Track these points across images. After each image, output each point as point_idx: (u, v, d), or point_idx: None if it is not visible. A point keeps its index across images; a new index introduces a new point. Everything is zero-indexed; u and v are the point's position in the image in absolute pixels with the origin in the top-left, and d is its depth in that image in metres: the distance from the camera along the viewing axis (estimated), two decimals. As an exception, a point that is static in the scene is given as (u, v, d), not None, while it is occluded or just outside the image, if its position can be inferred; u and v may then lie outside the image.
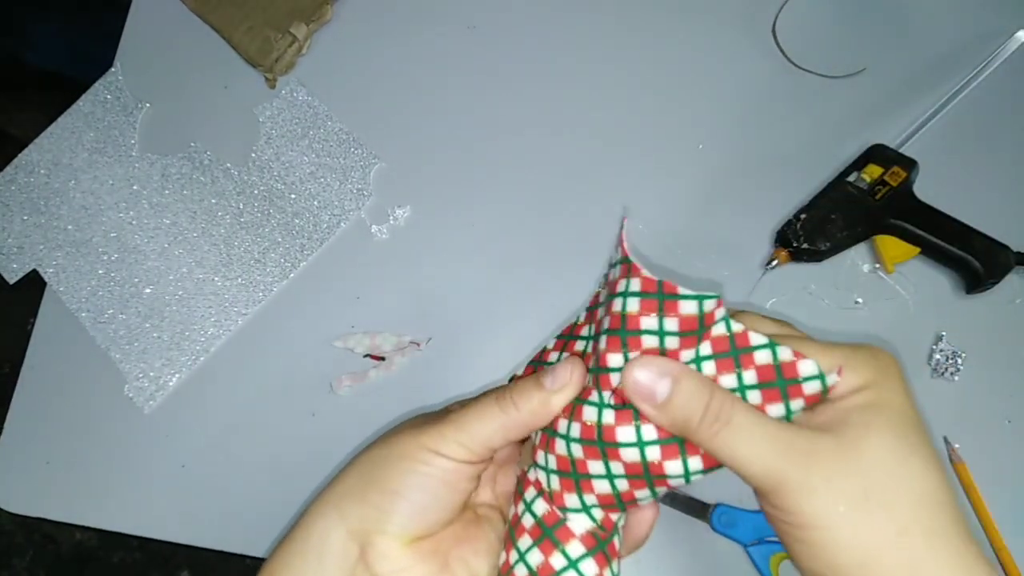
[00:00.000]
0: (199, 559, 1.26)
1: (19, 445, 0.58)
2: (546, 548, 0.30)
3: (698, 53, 0.60)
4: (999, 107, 0.56)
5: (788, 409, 0.26)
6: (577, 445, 0.29)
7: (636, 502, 0.29)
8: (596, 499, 0.29)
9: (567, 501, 0.30)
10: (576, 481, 0.29)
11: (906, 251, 0.51)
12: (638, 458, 0.28)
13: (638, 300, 0.27)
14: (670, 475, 0.28)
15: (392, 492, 0.30)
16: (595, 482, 0.29)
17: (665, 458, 0.28)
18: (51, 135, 0.65)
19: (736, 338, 0.27)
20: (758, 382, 0.27)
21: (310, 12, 0.62)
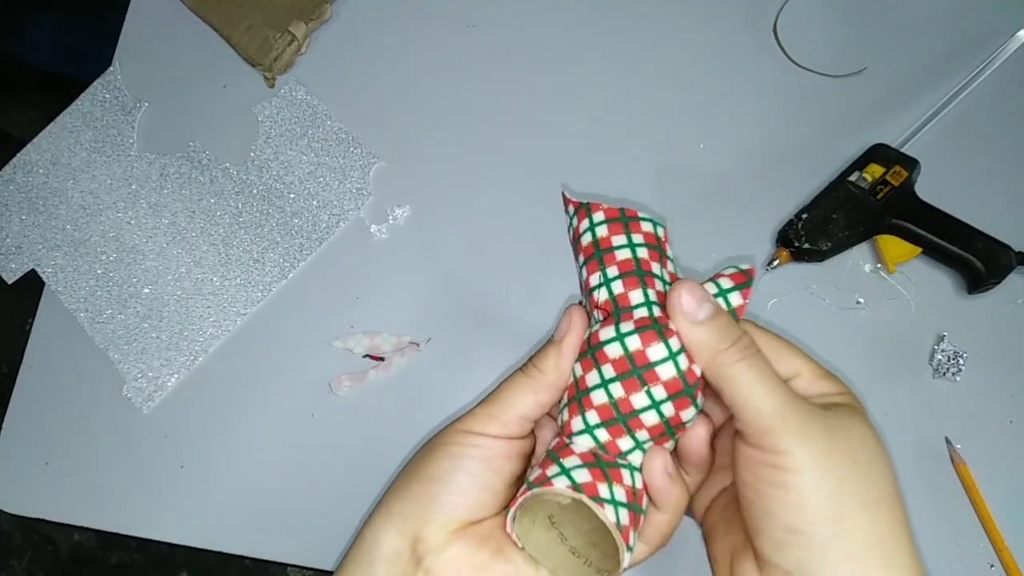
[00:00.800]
0: (198, 560, 1.26)
1: (17, 446, 0.58)
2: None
3: (699, 52, 0.60)
4: (1001, 106, 0.56)
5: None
6: (616, 384, 0.30)
7: (683, 425, 0.30)
8: (647, 434, 0.30)
9: (621, 446, 0.30)
10: (624, 423, 0.30)
11: (908, 251, 0.51)
12: (674, 371, 0.29)
13: (605, 226, 0.32)
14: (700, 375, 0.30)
15: (432, 479, 0.30)
16: (643, 416, 0.30)
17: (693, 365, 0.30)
18: (49, 134, 0.65)
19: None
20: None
21: (309, 11, 0.62)
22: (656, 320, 0.30)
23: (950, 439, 0.50)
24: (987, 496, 0.48)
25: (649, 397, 0.29)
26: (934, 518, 0.48)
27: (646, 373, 0.29)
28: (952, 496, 0.48)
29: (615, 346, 0.30)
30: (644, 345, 0.29)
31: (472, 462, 0.30)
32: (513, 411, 0.31)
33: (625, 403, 0.29)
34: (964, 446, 0.49)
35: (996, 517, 0.47)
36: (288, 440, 0.55)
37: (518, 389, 0.31)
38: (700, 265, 0.55)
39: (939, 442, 0.50)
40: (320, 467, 0.54)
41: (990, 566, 0.47)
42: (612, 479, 0.29)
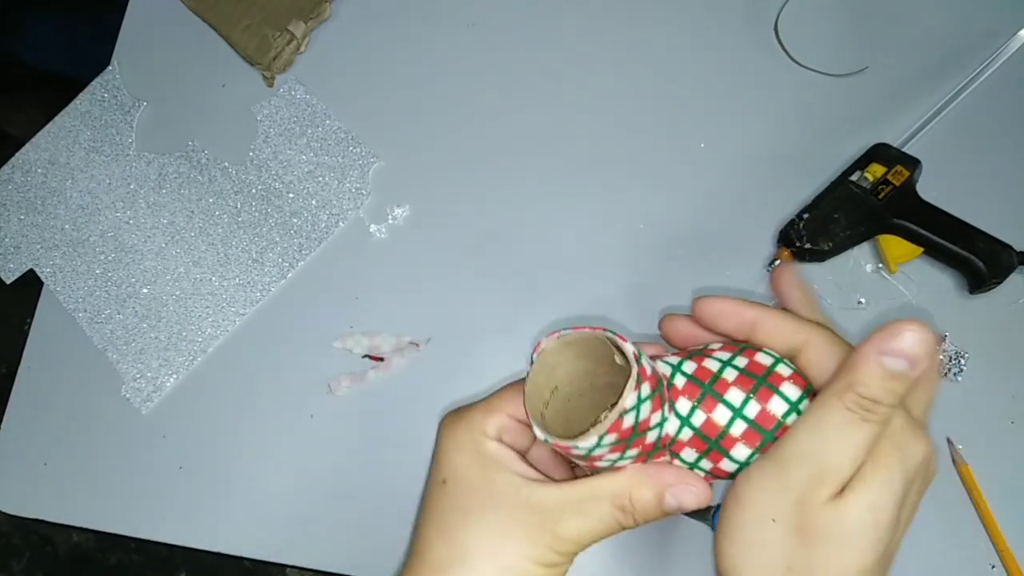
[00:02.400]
0: (197, 561, 1.26)
1: (16, 446, 0.58)
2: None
3: (700, 51, 0.60)
4: (1002, 106, 0.56)
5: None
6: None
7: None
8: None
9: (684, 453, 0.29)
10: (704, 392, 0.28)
11: (909, 251, 0.51)
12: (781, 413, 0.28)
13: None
14: None
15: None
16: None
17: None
18: (48, 134, 0.64)
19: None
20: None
21: (308, 10, 0.62)
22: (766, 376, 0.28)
23: (952, 440, 0.49)
24: (989, 497, 0.48)
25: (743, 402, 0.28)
26: (935, 519, 0.48)
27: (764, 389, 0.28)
28: (953, 497, 0.48)
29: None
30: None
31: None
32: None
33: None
34: (966, 447, 0.49)
35: (998, 518, 0.47)
36: (287, 440, 0.55)
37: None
38: (701, 264, 0.54)
39: (940, 443, 0.49)
40: (319, 467, 0.54)
41: (991, 567, 0.47)
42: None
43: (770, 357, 0.29)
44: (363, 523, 0.53)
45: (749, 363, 0.28)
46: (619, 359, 0.27)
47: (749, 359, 0.28)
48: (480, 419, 0.31)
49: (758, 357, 0.28)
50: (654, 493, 0.28)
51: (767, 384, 0.27)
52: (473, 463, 0.30)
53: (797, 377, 0.28)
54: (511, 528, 0.28)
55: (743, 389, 0.27)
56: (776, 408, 0.27)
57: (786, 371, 0.28)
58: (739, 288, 0.53)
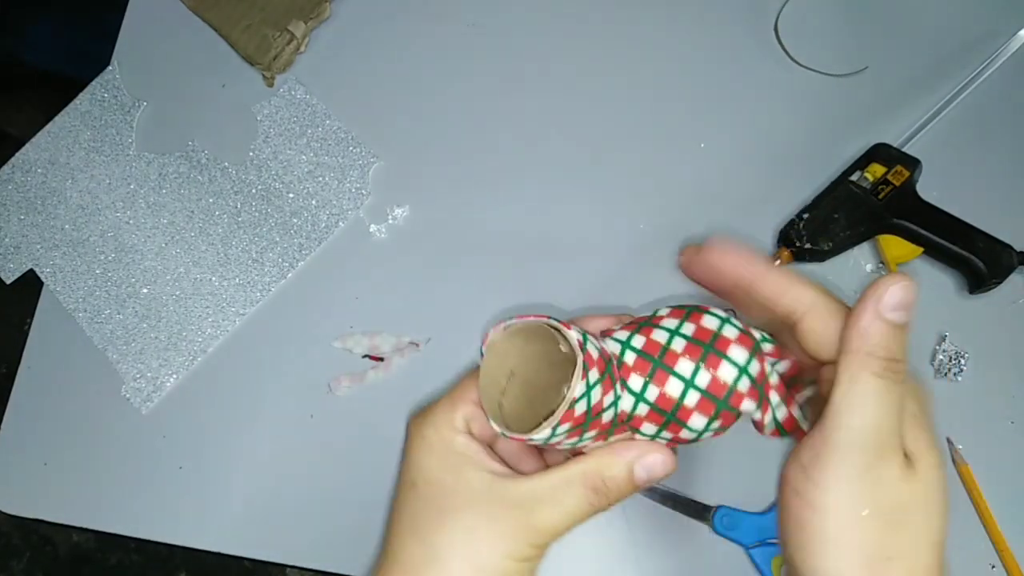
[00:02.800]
0: (197, 561, 1.26)
1: (16, 446, 0.58)
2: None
3: (700, 51, 0.60)
4: (1002, 106, 0.56)
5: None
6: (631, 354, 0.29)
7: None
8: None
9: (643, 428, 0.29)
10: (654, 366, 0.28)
11: (909, 251, 0.51)
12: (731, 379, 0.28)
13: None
14: (744, 409, 0.29)
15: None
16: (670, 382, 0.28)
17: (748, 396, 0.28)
18: (48, 134, 0.64)
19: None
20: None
21: (308, 10, 0.62)
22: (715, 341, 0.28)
23: (952, 440, 0.49)
24: (988, 497, 0.48)
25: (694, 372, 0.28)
26: (935, 519, 0.48)
27: (711, 356, 0.28)
28: (953, 497, 0.48)
29: (661, 335, 0.29)
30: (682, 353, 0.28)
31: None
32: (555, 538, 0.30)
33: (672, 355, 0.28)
34: (966, 447, 0.49)
35: (997, 518, 0.47)
36: (287, 440, 0.55)
37: (581, 522, 0.30)
38: (701, 265, 0.54)
39: (940, 443, 0.49)
40: (319, 467, 0.54)
41: (991, 567, 0.47)
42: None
43: (716, 319, 0.29)
44: (363, 523, 0.53)
45: (696, 329, 0.28)
46: (564, 347, 0.27)
47: (696, 324, 0.28)
48: (445, 415, 0.31)
49: (704, 321, 0.28)
50: (624, 468, 0.29)
51: (715, 351, 0.27)
52: (442, 463, 0.30)
53: (744, 338, 0.28)
54: (484, 526, 0.28)
55: (692, 359, 0.27)
56: (726, 374, 0.27)
57: (732, 333, 0.28)
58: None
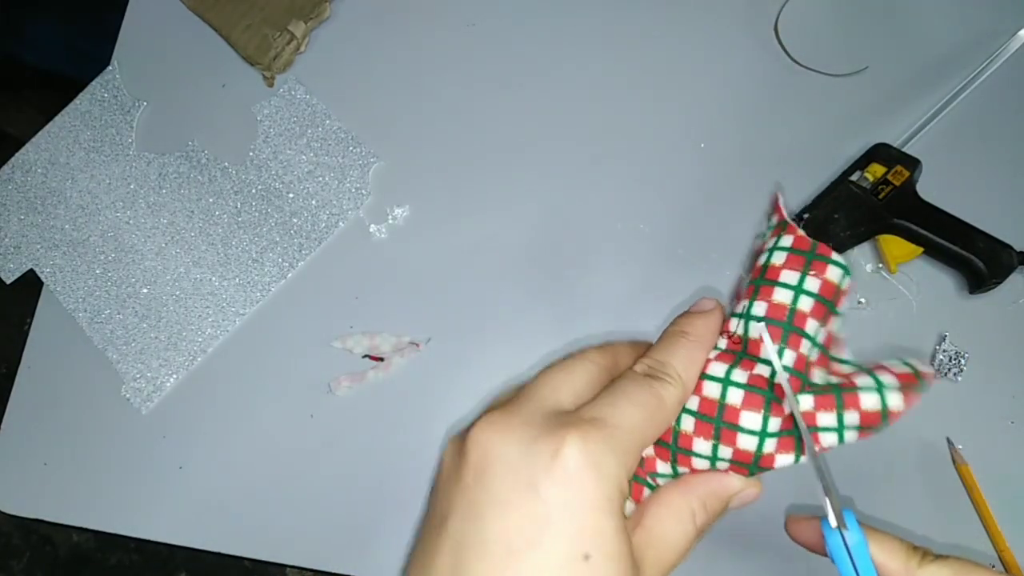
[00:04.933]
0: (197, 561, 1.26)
1: (16, 446, 0.58)
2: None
3: (700, 51, 0.60)
4: (1002, 106, 0.56)
5: (841, 422, 0.26)
6: (688, 418, 0.27)
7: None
8: (681, 469, 0.28)
9: (657, 466, 0.28)
10: (673, 451, 0.28)
11: (909, 251, 0.51)
12: (754, 448, 0.26)
13: (785, 254, 0.27)
14: (778, 466, 0.27)
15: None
16: (693, 459, 0.27)
17: (779, 451, 0.26)
18: (48, 134, 0.64)
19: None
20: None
21: (308, 10, 0.62)
22: (773, 388, 0.27)
23: (951, 440, 0.49)
24: (988, 497, 0.48)
25: (712, 451, 0.27)
26: (935, 519, 0.48)
27: (726, 431, 0.27)
28: (953, 497, 0.48)
29: (714, 386, 0.27)
30: (743, 406, 0.26)
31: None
32: (642, 445, 0.26)
33: (685, 438, 0.27)
34: (965, 447, 0.49)
35: (997, 518, 0.47)
36: (287, 441, 0.55)
37: (648, 421, 0.26)
38: (701, 264, 0.54)
39: (940, 442, 0.49)
40: (319, 468, 0.54)
41: (991, 567, 0.47)
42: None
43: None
44: (363, 523, 0.53)
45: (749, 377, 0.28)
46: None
47: (749, 373, 0.28)
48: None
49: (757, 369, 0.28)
50: (729, 495, 0.28)
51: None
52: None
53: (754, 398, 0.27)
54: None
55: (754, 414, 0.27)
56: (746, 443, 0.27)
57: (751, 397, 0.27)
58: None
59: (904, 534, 0.27)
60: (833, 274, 0.27)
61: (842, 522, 0.25)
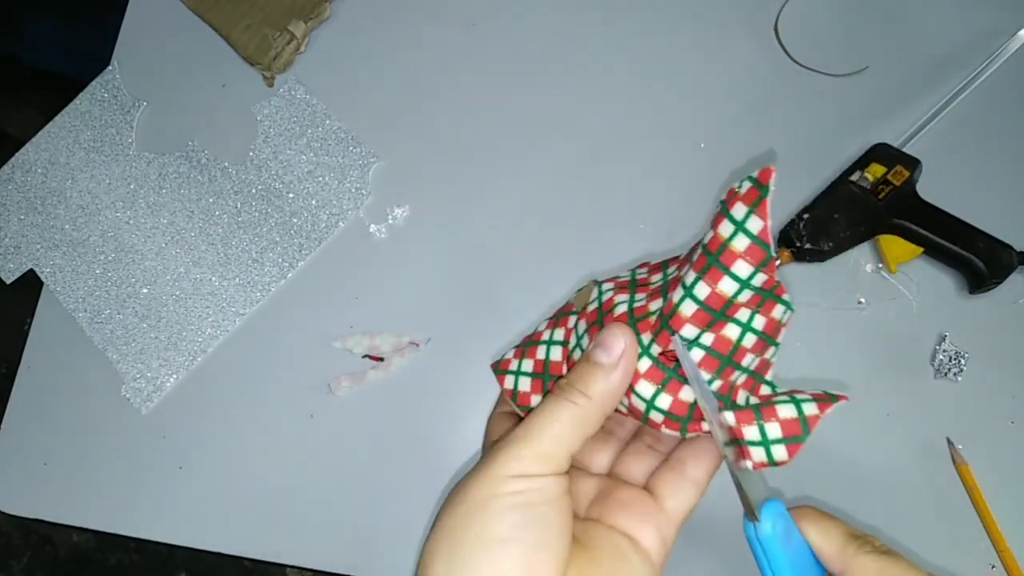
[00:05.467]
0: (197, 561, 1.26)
1: (16, 446, 0.58)
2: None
3: (699, 51, 0.60)
4: (1002, 106, 0.56)
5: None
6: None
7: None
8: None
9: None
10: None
11: (909, 251, 0.51)
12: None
13: (749, 242, 0.27)
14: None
15: (498, 541, 0.25)
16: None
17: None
18: (48, 134, 0.64)
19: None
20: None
21: (308, 10, 0.62)
22: (694, 410, 0.29)
23: (951, 439, 0.49)
24: (988, 497, 0.48)
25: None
26: (935, 519, 0.48)
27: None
28: (953, 497, 0.48)
29: (639, 403, 0.29)
30: (663, 424, 0.30)
31: (539, 510, 0.26)
32: (561, 445, 0.27)
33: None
34: (965, 447, 0.49)
35: (997, 518, 0.47)
36: (287, 441, 0.55)
37: (566, 423, 0.27)
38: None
39: (940, 442, 0.49)
40: (319, 467, 0.54)
41: (991, 567, 0.47)
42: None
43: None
44: (363, 523, 0.53)
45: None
46: None
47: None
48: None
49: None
50: (583, 357, 0.29)
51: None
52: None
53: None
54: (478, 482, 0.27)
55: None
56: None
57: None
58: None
59: (904, 534, 0.27)
60: (778, 311, 0.28)
61: (753, 515, 0.26)
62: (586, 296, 0.33)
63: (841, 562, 0.26)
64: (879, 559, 0.25)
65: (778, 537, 0.26)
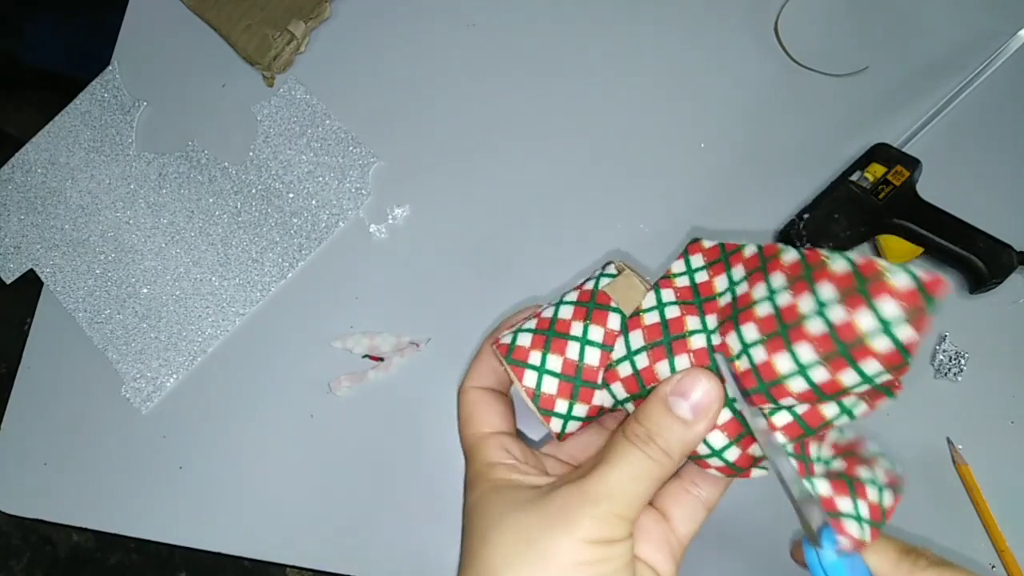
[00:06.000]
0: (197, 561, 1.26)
1: (16, 446, 0.58)
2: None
3: (700, 51, 0.60)
4: (1002, 106, 0.56)
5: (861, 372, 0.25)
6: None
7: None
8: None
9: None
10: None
11: (909, 251, 0.51)
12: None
13: (892, 348, 0.24)
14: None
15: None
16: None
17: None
18: (48, 134, 0.64)
19: (808, 257, 0.25)
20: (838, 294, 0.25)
21: (308, 10, 0.62)
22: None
23: (951, 439, 0.49)
24: (988, 497, 0.48)
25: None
26: (935, 519, 0.48)
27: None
28: (953, 497, 0.48)
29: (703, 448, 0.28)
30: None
31: (623, 574, 0.25)
32: (641, 507, 0.26)
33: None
34: (965, 446, 0.49)
35: (997, 518, 0.47)
36: (287, 441, 0.55)
37: (647, 483, 0.26)
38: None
39: (940, 442, 0.49)
40: (319, 468, 0.54)
41: (991, 567, 0.47)
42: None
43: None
44: (363, 523, 0.53)
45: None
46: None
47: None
48: (477, 461, 0.30)
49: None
50: (658, 404, 0.27)
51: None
52: (482, 496, 0.28)
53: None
54: (540, 523, 0.26)
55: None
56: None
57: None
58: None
59: (904, 535, 0.27)
60: (882, 402, 0.26)
61: (815, 540, 0.25)
62: (627, 290, 0.30)
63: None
64: (938, 572, 0.25)
65: (843, 562, 0.25)
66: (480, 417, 0.31)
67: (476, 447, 0.30)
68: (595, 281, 0.30)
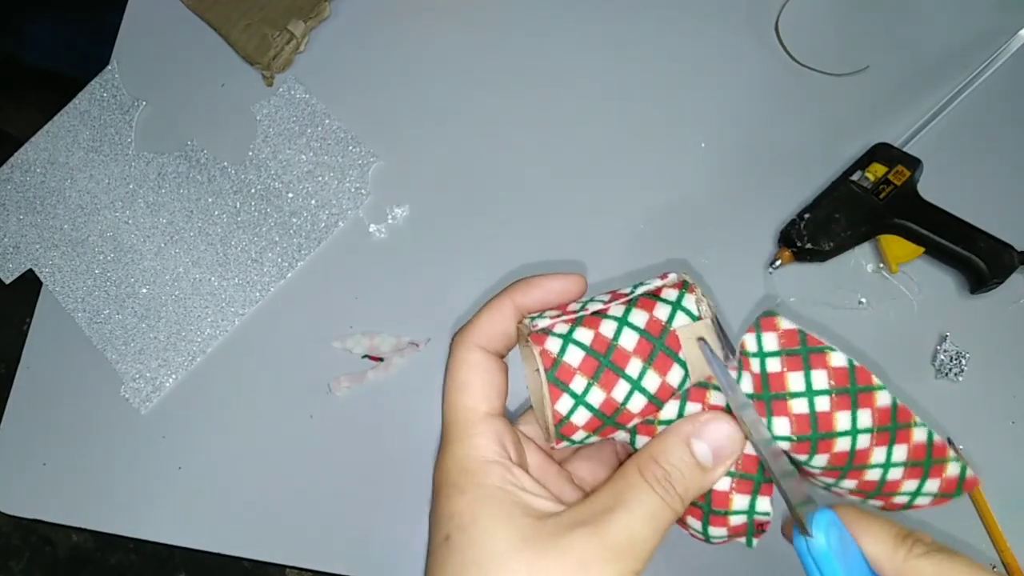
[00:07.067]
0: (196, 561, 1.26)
1: (15, 446, 0.58)
2: None
3: (700, 51, 0.59)
4: (1003, 106, 0.56)
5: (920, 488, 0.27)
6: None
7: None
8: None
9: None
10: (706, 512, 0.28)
11: (910, 251, 0.51)
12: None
13: (930, 501, 0.27)
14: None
15: None
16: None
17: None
18: (47, 134, 0.64)
19: (899, 412, 0.26)
20: (907, 459, 0.27)
21: (308, 9, 0.62)
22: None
23: (952, 439, 0.49)
24: (989, 497, 0.47)
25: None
26: (935, 519, 0.48)
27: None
28: (954, 497, 0.48)
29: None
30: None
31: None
32: (649, 559, 0.25)
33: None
34: (966, 447, 0.49)
35: (998, 518, 0.47)
36: (287, 441, 0.55)
37: (660, 530, 0.25)
38: (701, 264, 0.54)
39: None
40: (319, 468, 0.54)
41: (992, 567, 0.47)
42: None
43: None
44: (363, 523, 0.53)
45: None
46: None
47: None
48: (468, 447, 0.27)
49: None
50: (679, 446, 0.26)
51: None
52: (476, 504, 0.26)
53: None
54: (547, 565, 0.24)
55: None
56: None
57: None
58: (739, 287, 0.53)
59: (900, 518, 0.27)
60: (837, 361, 0.26)
61: (804, 530, 0.24)
62: (698, 347, 0.27)
63: (893, 568, 0.24)
64: (935, 560, 0.24)
65: (833, 551, 0.24)
66: (479, 389, 0.28)
67: (468, 428, 0.28)
68: (670, 310, 0.27)
